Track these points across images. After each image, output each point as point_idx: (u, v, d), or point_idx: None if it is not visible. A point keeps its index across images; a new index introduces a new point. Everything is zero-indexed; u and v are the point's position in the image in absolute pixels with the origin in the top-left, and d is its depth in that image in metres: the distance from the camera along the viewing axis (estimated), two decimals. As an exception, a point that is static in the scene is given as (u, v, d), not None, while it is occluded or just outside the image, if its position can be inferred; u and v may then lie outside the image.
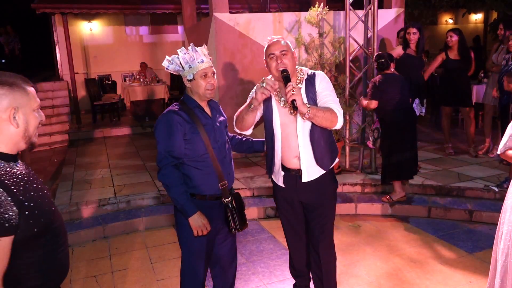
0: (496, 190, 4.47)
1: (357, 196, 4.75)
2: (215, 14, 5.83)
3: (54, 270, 1.49)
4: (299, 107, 2.15)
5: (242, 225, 2.41)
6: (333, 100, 2.37)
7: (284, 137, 2.44)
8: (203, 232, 2.28)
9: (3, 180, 1.31)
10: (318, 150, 2.42)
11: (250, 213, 4.57)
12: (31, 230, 1.35)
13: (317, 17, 5.25)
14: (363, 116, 5.39)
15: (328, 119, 2.28)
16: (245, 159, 6.12)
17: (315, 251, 2.63)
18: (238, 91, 6.07)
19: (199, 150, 2.28)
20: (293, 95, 2.13)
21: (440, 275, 3.31)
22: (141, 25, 11.86)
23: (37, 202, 1.38)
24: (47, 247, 1.44)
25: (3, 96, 1.36)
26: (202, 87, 2.26)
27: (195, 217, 2.26)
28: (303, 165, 2.44)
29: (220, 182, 2.34)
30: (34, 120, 1.45)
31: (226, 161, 2.40)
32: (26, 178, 1.41)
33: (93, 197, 4.87)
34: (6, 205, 1.27)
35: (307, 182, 2.47)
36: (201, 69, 2.25)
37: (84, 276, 3.51)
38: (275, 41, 2.38)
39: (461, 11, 11.57)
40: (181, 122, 2.23)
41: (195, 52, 2.25)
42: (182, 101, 2.35)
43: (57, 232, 1.49)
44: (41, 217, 1.38)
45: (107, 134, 8.82)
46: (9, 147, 1.40)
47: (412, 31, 5.04)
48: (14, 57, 12.25)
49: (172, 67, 2.31)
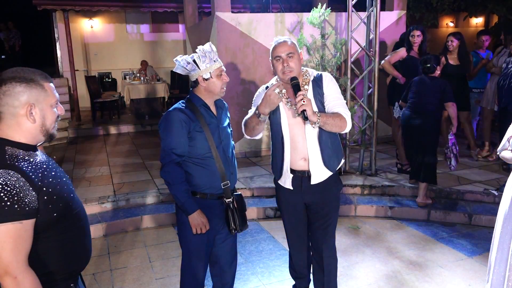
0: (496, 194, 4.48)
1: (357, 198, 4.76)
2: (217, 14, 5.83)
3: (77, 254, 1.57)
4: (309, 117, 2.16)
5: (242, 226, 2.41)
6: (341, 104, 2.37)
7: (292, 139, 2.43)
8: (202, 230, 2.28)
9: (21, 167, 1.38)
10: (325, 151, 2.42)
11: (249, 213, 4.56)
12: (50, 214, 1.43)
13: (319, 18, 5.24)
14: (363, 118, 5.39)
15: (337, 125, 2.29)
16: (245, 159, 6.12)
17: (317, 252, 2.62)
18: (239, 91, 6.07)
19: (202, 149, 2.28)
20: (303, 106, 2.13)
21: (439, 278, 3.31)
22: (142, 23, 11.85)
23: (56, 188, 1.46)
24: (69, 232, 1.52)
25: (20, 92, 1.43)
26: (218, 85, 2.29)
27: (194, 215, 2.26)
28: (312, 167, 2.42)
29: (223, 182, 2.34)
30: (52, 115, 1.52)
31: (230, 161, 2.40)
32: (45, 166, 1.48)
33: (92, 194, 4.87)
34: (25, 190, 1.35)
35: (312, 184, 2.46)
36: (217, 68, 2.28)
37: (83, 273, 3.48)
38: (282, 43, 2.35)
39: (462, 15, 11.59)
40: (185, 120, 2.24)
41: (212, 51, 2.27)
42: (188, 99, 2.35)
43: (77, 218, 1.56)
44: (59, 202, 1.46)
45: (107, 132, 8.81)
46: (28, 139, 1.48)
47: (416, 34, 5.05)
48: (14, 53, 12.24)
49: (180, 70, 2.29)
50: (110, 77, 11.37)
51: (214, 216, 2.36)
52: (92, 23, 11.27)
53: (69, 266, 1.54)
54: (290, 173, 2.49)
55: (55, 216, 1.44)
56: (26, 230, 1.35)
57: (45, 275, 1.45)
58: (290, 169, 2.49)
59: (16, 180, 1.33)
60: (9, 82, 1.42)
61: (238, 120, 4.81)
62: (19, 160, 1.40)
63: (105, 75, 11.29)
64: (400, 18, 6.67)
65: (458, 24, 14.53)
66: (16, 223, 1.32)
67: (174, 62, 2.34)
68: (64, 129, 8.58)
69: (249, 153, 6.29)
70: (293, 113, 2.38)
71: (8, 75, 1.44)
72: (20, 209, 1.32)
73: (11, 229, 1.31)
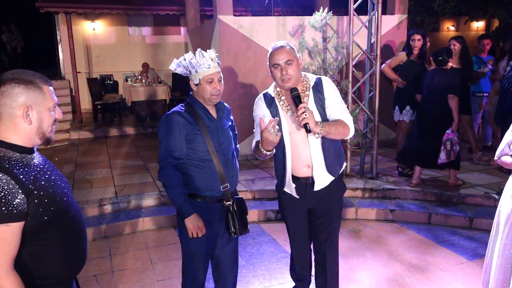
0: (497, 197, 4.48)
1: (358, 201, 4.76)
2: (219, 17, 5.85)
3: (72, 258, 1.56)
4: (312, 129, 2.14)
5: (242, 230, 2.40)
6: (343, 110, 2.37)
7: (293, 147, 2.40)
8: (198, 234, 2.29)
9: (12, 169, 1.38)
10: (328, 157, 2.40)
11: (250, 215, 4.56)
12: (41, 218, 1.41)
13: (321, 22, 5.27)
14: (365, 121, 5.41)
15: (340, 133, 2.29)
16: (246, 161, 6.13)
17: (320, 255, 2.62)
18: (241, 94, 6.09)
19: (201, 152, 2.29)
20: (305, 119, 2.11)
21: (440, 281, 3.31)
22: (144, 26, 11.89)
23: (48, 192, 1.44)
24: (63, 236, 1.50)
25: (19, 94, 1.43)
26: (208, 92, 2.27)
27: (191, 219, 2.27)
28: (316, 173, 2.41)
29: (222, 185, 2.34)
30: (49, 118, 1.52)
31: (230, 164, 2.40)
32: (39, 169, 1.47)
33: (94, 196, 4.88)
34: (14, 193, 1.33)
35: (317, 190, 2.45)
36: (207, 75, 2.25)
37: (84, 275, 3.50)
38: (279, 49, 2.29)
39: (463, 19, 11.60)
40: (183, 123, 2.25)
41: (202, 58, 2.24)
42: (188, 103, 2.37)
43: (72, 222, 1.55)
44: (51, 206, 1.44)
45: (108, 134, 8.83)
46: (23, 141, 1.48)
47: (416, 38, 5.09)
48: (16, 55, 12.29)
49: (179, 70, 2.32)
50: (112, 79, 11.40)
51: (214, 219, 2.37)
52: (94, 26, 11.31)
53: (64, 270, 1.53)
54: (292, 182, 2.46)
55: (46, 220, 1.42)
56: (12, 233, 1.33)
57: (39, 279, 1.44)
58: (293, 177, 2.45)
59: (4, 182, 1.32)
60: (8, 83, 1.42)
61: (239, 123, 4.83)
62: (11, 162, 1.39)
63: (106, 77, 11.32)
64: (401, 22, 6.69)
65: (459, 28, 14.57)
66: (2, 225, 1.31)
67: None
68: (66, 131, 8.60)
69: (250, 155, 6.30)
70: (293, 119, 2.36)
71: (8, 76, 1.44)
72: (7, 212, 1.31)
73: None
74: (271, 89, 2.46)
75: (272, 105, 2.42)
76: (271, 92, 2.45)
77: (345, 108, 2.40)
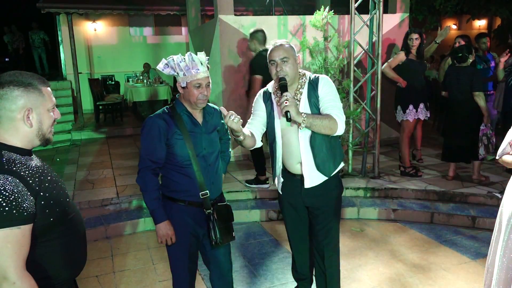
0: (499, 196, 4.46)
1: (360, 200, 4.75)
2: (220, 16, 5.85)
3: (73, 259, 1.56)
4: (293, 118, 2.14)
5: (225, 239, 2.32)
6: (334, 106, 2.33)
7: (285, 143, 2.43)
8: (168, 242, 2.28)
9: (19, 171, 1.37)
10: (319, 156, 2.39)
11: (252, 215, 4.57)
12: (47, 219, 1.42)
13: (322, 21, 5.25)
14: (366, 121, 5.39)
15: (326, 126, 2.25)
16: (247, 161, 6.12)
17: (319, 255, 2.62)
18: (242, 93, 6.07)
19: (181, 156, 2.24)
20: (286, 107, 2.11)
21: (442, 281, 3.30)
22: (145, 26, 11.90)
23: (52, 193, 1.45)
24: (65, 237, 1.51)
25: (18, 97, 1.42)
26: (194, 96, 2.21)
27: (161, 226, 2.26)
28: (305, 171, 2.42)
29: (201, 192, 2.28)
30: (48, 119, 1.51)
31: (211, 170, 2.33)
32: (41, 171, 1.47)
33: (95, 197, 4.88)
34: (23, 195, 1.33)
35: (310, 188, 2.46)
36: (195, 79, 2.19)
37: (85, 275, 3.50)
38: (277, 46, 2.33)
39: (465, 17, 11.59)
40: (164, 127, 2.22)
41: (192, 61, 2.18)
42: (172, 106, 2.34)
43: (73, 223, 1.55)
44: (56, 207, 1.45)
45: (110, 134, 8.83)
46: (23, 143, 1.47)
47: (414, 37, 5.10)
48: (18, 56, 12.31)
49: (167, 71, 2.26)
50: (113, 79, 11.41)
51: (196, 221, 2.32)
52: (95, 26, 11.33)
53: (66, 271, 1.53)
54: (286, 175, 2.52)
55: (51, 221, 1.43)
56: (24, 235, 1.34)
57: (41, 280, 1.43)
58: (288, 173, 2.50)
59: (14, 185, 1.32)
60: (7, 86, 1.41)
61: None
62: (17, 165, 1.38)
63: (108, 78, 11.33)
64: (403, 20, 6.67)
65: (461, 26, 14.53)
66: (14, 228, 1.31)
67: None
68: (67, 131, 8.61)
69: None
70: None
71: (6, 78, 1.42)
72: (18, 215, 1.31)
73: (10, 234, 1.30)
74: (270, 85, 2.52)
75: (268, 100, 2.47)
76: (270, 88, 2.50)
77: (338, 105, 2.36)
